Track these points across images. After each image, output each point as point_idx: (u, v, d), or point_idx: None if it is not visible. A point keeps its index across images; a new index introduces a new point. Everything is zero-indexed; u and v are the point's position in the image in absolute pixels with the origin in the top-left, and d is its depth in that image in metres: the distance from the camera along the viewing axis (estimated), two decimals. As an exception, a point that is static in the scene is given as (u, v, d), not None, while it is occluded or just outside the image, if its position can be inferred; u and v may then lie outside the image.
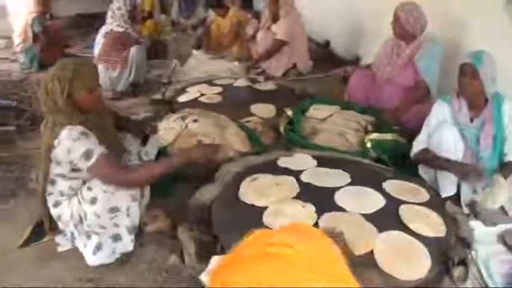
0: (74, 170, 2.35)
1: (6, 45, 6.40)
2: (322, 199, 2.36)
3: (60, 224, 2.49)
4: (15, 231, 2.66)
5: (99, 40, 4.88)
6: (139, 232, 2.57)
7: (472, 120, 2.88)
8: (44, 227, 2.62)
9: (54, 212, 2.46)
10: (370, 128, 3.54)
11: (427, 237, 2.16)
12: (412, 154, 3.00)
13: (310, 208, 2.27)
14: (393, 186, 2.60)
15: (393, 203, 2.39)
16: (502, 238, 2.56)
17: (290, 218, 2.16)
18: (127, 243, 2.44)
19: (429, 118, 3.02)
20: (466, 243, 2.24)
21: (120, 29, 4.81)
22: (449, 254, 2.07)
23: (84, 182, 2.39)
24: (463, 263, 2.12)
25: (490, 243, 2.55)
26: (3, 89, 4.37)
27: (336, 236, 1.86)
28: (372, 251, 2.03)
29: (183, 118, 3.34)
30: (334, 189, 2.44)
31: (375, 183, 2.57)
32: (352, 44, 5.83)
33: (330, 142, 3.40)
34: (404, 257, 2.01)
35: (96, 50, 4.90)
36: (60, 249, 2.54)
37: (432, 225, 2.25)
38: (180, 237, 2.45)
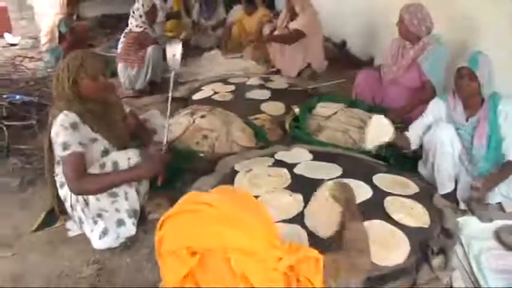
0: None
1: (33, 44, 6.68)
2: (310, 189, 2.47)
3: (66, 206, 2.68)
4: (30, 218, 2.87)
5: (121, 40, 5.09)
6: (143, 219, 2.75)
7: (467, 120, 2.95)
8: (55, 212, 2.82)
9: (60, 193, 2.68)
10: (374, 126, 3.61)
11: (409, 227, 2.25)
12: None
13: (298, 197, 2.39)
14: (383, 179, 2.69)
15: (380, 195, 2.49)
16: (497, 234, 2.60)
17: (278, 206, 2.29)
18: (130, 228, 2.61)
19: (426, 113, 3.14)
20: (450, 235, 2.31)
21: (138, 29, 5.00)
22: (429, 243, 2.15)
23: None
24: (443, 252, 2.20)
25: (485, 238, 2.59)
26: (27, 85, 4.62)
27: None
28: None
29: (191, 114, 3.50)
30: (324, 181, 2.54)
31: (366, 176, 2.67)
32: (367, 44, 5.88)
33: (333, 139, 3.50)
34: (384, 244, 2.11)
35: (118, 49, 5.11)
36: (70, 234, 2.74)
37: (416, 216, 2.34)
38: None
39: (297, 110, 3.85)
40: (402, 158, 3.30)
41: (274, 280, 1.39)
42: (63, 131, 2.46)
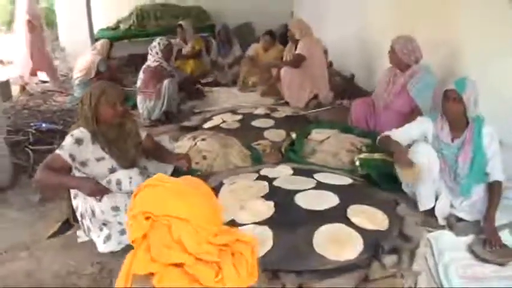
0: (82, 164, 2.92)
1: (63, 81, 7.26)
2: (283, 198, 2.81)
3: (77, 215, 3.06)
4: (47, 227, 3.25)
5: (140, 75, 5.55)
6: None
7: (452, 140, 3.10)
8: (69, 222, 3.20)
9: (73, 203, 3.06)
10: (363, 149, 3.90)
11: (366, 229, 2.54)
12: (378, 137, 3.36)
13: (269, 204, 2.74)
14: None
15: (345, 203, 2.78)
16: (470, 247, 2.83)
17: (251, 211, 2.61)
18: (130, 236, 2.96)
19: (412, 125, 3.30)
20: (407, 238, 2.56)
21: (155, 64, 5.45)
22: (380, 243, 2.41)
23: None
24: (397, 252, 2.45)
25: (458, 250, 2.84)
26: (53, 115, 5.12)
27: None
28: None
29: (194, 137, 3.89)
30: (297, 191, 2.88)
31: (337, 188, 2.97)
32: (372, 76, 6.19)
33: (325, 161, 3.82)
34: (338, 242, 2.41)
35: (138, 83, 5.57)
36: (79, 240, 3.11)
37: (375, 220, 2.63)
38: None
39: (293, 135, 4.18)
40: (387, 177, 3.52)
41: (208, 251, 1.70)
42: (69, 138, 2.89)
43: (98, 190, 2.85)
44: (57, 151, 2.85)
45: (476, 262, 2.73)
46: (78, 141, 2.89)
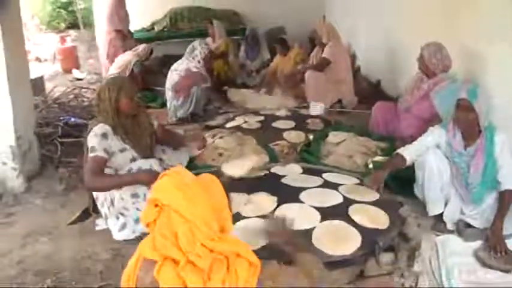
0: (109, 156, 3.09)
1: (96, 79, 7.56)
2: (288, 194, 2.93)
3: (97, 204, 3.24)
4: (69, 215, 3.45)
5: (170, 74, 5.70)
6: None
7: (465, 149, 3.08)
8: (88, 211, 3.39)
9: (94, 193, 3.22)
10: (378, 152, 3.95)
11: (366, 227, 2.61)
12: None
13: (273, 199, 2.84)
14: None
15: (349, 202, 2.86)
16: (476, 252, 2.85)
17: (255, 205, 2.72)
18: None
19: (424, 137, 3.29)
20: (407, 238, 2.61)
21: (195, 70, 5.60)
22: (377, 241, 2.47)
23: (115, 171, 3.14)
24: (393, 250, 2.51)
25: (463, 255, 2.85)
26: (81, 111, 5.37)
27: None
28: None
29: (213, 135, 4.01)
30: (303, 189, 3.00)
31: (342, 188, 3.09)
32: (397, 82, 6.18)
33: (339, 163, 3.88)
34: (336, 238, 2.50)
35: (167, 83, 5.72)
36: (97, 228, 3.29)
37: (375, 219, 2.69)
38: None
39: (311, 137, 4.27)
40: (400, 181, 3.56)
41: (199, 254, 1.76)
42: (94, 137, 3.06)
43: (153, 177, 2.96)
44: (92, 154, 3.02)
45: (480, 268, 2.74)
46: (104, 136, 3.09)
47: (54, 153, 4.34)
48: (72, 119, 4.88)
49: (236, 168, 3.33)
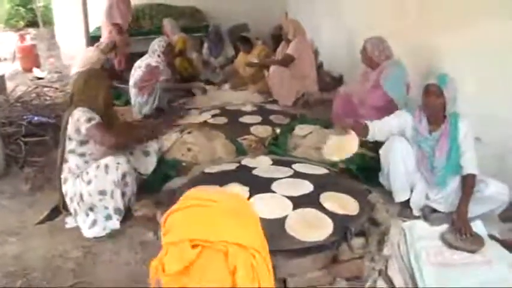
0: (82, 142, 3.11)
1: (57, 78, 7.44)
2: (260, 185, 2.99)
3: (66, 199, 3.21)
4: (36, 214, 3.39)
5: (134, 71, 5.66)
6: (129, 216, 3.23)
7: (430, 133, 3.19)
8: (59, 209, 3.35)
9: (63, 188, 3.22)
10: (345, 143, 4.02)
11: (337, 214, 2.68)
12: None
13: (245, 189, 2.90)
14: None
15: (319, 191, 2.93)
16: (442, 235, 2.95)
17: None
18: (115, 222, 3.12)
19: (391, 118, 3.40)
20: (376, 223, 2.70)
21: (155, 64, 5.57)
22: (349, 226, 2.53)
23: (86, 164, 3.15)
24: (364, 235, 2.59)
25: (430, 238, 2.94)
26: (46, 110, 5.28)
27: None
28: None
29: (181, 131, 4.02)
30: (274, 179, 3.07)
31: (313, 177, 3.15)
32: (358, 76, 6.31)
33: (307, 155, 3.95)
34: (309, 225, 2.55)
35: (131, 80, 5.67)
36: (67, 226, 3.25)
37: (346, 206, 2.77)
38: (158, 219, 3.05)
39: (277, 130, 4.32)
40: (366, 170, 3.67)
41: (257, 276, 1.50)
42: (86, 112, 3.09)
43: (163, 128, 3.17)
44: (93, 122, 3.06)
45: (447, 249, 2.84)
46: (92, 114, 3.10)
47: (18, 153, 4.28)
48: (36, 118, 4.79)
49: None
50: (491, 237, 2.94)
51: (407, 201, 3.30)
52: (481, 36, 3.55)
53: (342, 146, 3.51)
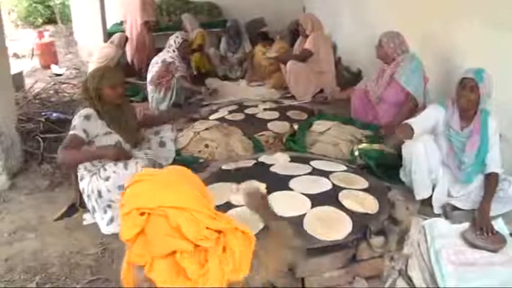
0: (90, 142, 3.10)
1: (76, 75, 7.46)
2: (278, 182, 2.96)
3: (84, 197, 3.21)
4: (55, 210, 3.42)
5: (151, 67, 5.66)
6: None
7: (462, 129, 3.12)
8: (75, 206, 3.36)
9: (80, 185, 3.21)
10: (363, 140, 3.97)
11: (356, 212, 2.64)
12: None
13: (262, 186, 2.86)
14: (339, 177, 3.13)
15: (338, 189, 2.90)
16: (463, 233, 2.92)
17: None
18: (134, 218, 3.08)
19: (426, 114, 3.29)
20: (396, 222, 2.65)
21: (171, 60, 5.56)
22: (368, 225, 2.49)
23: (101, 162, 3.13)
24: (384, 234, 2.54)
25: (451, 237, 2.93)
26: (64, 106, 5.30)
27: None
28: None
29: (198, 127, 4.00)
30: (292, 176, 3.03)
31: (329, 174, 3.14)
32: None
33: (325, 151, 3.91)
34: (327, 223, 2.51)
35: (149, 76, 5.67)
36: (85, 223, 3.26)
37: (365, 204, 2.72)
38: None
39: (295, 126, 4.28)
40: (386, 167, 3.61)
41: (206, 236, 1.77)
42: (77, 118, 3.09)
43: (122, 153, 3.06)
44: (71, 132, 3.04)
45: (468, 248, 2.80)
46: (87, 117, 3.08)
47: (36, 149, 4.29)
48: (54, 115, 4.82)
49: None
50: (513, 236, 2.88)
51: (429, 198, 3.24)
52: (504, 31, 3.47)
53: None
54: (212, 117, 5.05)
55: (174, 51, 5.59)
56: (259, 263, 1.94)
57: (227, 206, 2.72)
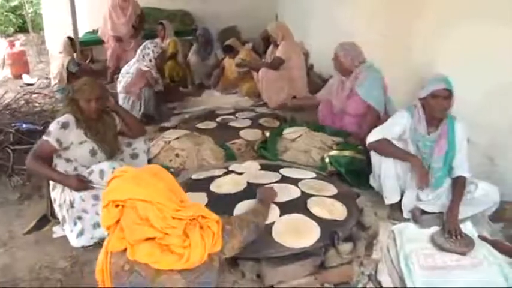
0: (65, 148, 3.10)
1: (47, 84, 7.33)
2: (247, 191, 2.99)
3: (55, 206, 3.19)
4: (24, 224, 3.37)
5: (122, 76, 5.61)
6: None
7: (429, 133, 3.18)
8: (47, 217, 3.35)
9: (52, 194, 3.20)
10: (334, 147, 4.02)
11: (324, 219, 2.68)
12: (368, 141, 3.26)
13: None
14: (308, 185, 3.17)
15: (307, 196, 2.94)
16: (432, 237, 2.96)
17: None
18: (103, 230, 3.05)
19: (393, 121, 3.30)
20: (364, 228, 2.70)
21: (146, 69, 5.50)
22: (336, 231, 2.53)
23: (75, 170, 3.15)
24: (352, 240, 2.58)
25: (420, 241, 2.96)
26: (33, 117, 5.22)
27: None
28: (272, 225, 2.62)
29: (168, 136, 4.01)
30: (261, 185, 3.05)
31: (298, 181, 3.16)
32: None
33: (296, 158, 3.95)
34: (296, 231, 2.54)
35: (120, 85, 5.62)
36: (54, 236, 3.22)
37: (333, 211, 2.77)
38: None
39: (267, 134, 4.31)
40: (356, 173, 3.66)
41: (173, 226, 1.92)
42: (55, 124, 3.08)
43: (82, 186, 3.01)
44: (45, 137, 3.04)
45: (437, 251, 2.85)
46: (64, 126, 3.08)
47: (6, 161, 4.22)
48: (24, 125, 4.73)
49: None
50: (481, 238, 2.94)
51: (398, 203, 3.29)
52: (471, 38, 3.56)
53: None
54: (183, 126, 5.04)
55: (150, 60, 5.50)
56: (231, 235, 2.16)
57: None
